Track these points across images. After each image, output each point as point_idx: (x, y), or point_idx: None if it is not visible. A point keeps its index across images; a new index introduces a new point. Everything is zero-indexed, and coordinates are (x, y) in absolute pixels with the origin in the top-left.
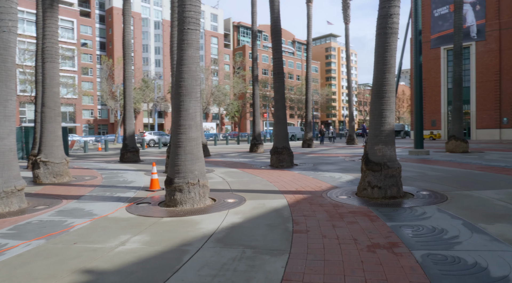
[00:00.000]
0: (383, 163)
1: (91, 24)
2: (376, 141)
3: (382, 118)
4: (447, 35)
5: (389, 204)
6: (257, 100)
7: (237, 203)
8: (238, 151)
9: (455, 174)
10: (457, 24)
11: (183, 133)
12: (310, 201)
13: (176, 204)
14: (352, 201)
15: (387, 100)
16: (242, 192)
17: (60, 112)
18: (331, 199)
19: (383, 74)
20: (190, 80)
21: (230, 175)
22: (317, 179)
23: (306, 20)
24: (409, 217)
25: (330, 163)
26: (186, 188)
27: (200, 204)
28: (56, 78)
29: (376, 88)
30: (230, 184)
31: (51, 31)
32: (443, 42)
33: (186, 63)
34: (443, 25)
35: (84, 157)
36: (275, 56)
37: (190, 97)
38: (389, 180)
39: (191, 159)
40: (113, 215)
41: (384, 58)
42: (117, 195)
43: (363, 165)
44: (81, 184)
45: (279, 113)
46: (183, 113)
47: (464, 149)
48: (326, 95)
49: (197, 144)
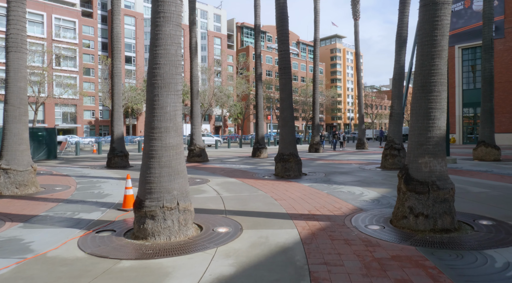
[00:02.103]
0: (432, 183)
1: (93, 25)
2: (421, 152)
3: (430, 120)
4: (462, 32)
5: (445, 244)
6: (261, 100)
7: (230, 235)
8: (239, 155)
9: (505, 191)
10: (487, 14)
11: (157, 139)
12: (330, 234)
13: (147, 236)
14: (389, 235)
15: (437, 96)
16: (238, 215)
17: (27, 110)
18: (359, 230)
19: (431, 59)
20: (167, 66)
21: (226, 188)
22: (333, 195)
23: (314, 15)
24: (487, 272)
25: (344, 172)
26: (161, 214)
27: (180, 236)
28: (22, 71)
29: (420, 80)
30: (225, 201)
31: (16, 15)
32: (458, 40)
33: (162, 43)
34: (458, 23)
35: (72, 161)
36: (281, 48)
37: (167, 90)
38: (440, 206)
39: (168, 174)
40: (55, 252)
41: (433, 38)
42: (79, 216)
43: (401, 185)
44: (46, 198)
45: (285, 114)
46: (158, 112)
47: (496, 157)
48: (332, 97)
49: (176, 154)
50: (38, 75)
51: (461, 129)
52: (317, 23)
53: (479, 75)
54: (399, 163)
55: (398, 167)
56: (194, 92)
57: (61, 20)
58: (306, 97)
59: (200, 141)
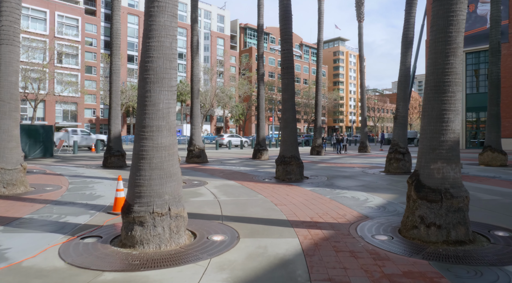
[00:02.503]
0: (445, 190)
1: (96, 23)
2: (433, 157)
3: (443, 122)
4: (466, 37)
5: (461, 258)
6: (262, 101)
7: (226, 244)
8: (240, 156)
9: None
10: (494, 17)
11: (149, 138)
12: (335, 245)
13: (135, 244)
14: (399, 247)
15: (451, 97)
16: (236, 222)
17: (19, 106)
18: (366, 241)
19: (445, 57)
20: (161, 60)
21: (225, 191)
22: (336, 201)
23: (318, 16)
24: None
25: (347, 176)
26: (150, 221)
27: (171, 245)
28: (14, 65)
29: (434, 80)
30: (223, 205)
31: (10, 6)
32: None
33: (156, 35)
34: None
35: (69, 159)
36: (284, 47)
37: (160, 86)
38: (454, 216)
39: (159, 177)
40: (32, 261)
41: (448, 34)
42: (65, 219)
43: (412, 192)
44: (34, 198)
45: (287, 115)
46: (149, 109)
47: (503, 162)
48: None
49: (169, 155)
50: (38, 72)
51: (464, 134)
52: (321, 24)
53: (483, 80)
54: (404, 167)
55: (403, 172)
56: (195, 92)
57: (64, 17)
58: (308, 99)
59: (200, 142)
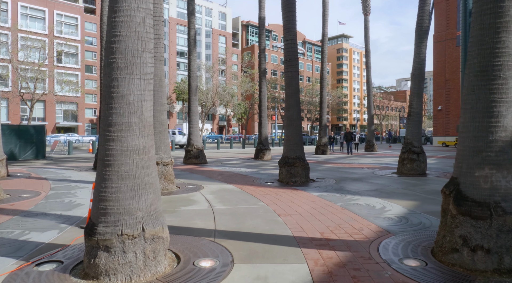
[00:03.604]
0: (495, 204)
1: (96, 21)
2: (479, 161)
3: (492, 117)
4: None
5: None
6: (265, 99)
7: (216, 273)
8: (241, 156)
9: None
10: None
11: (116, 140)
12: (354, 274)
13: (99, 275)
14: (436, 278)
15: (503, 85)
16: (231, 239)
17: None
18: (393, 268)
19: (494, 34)
20: (131, 40)
21: (221, 198)
22: (349, 210)
23: (322, 9)
24: None
25: (357, 179)
26: (119, 245)
27: (145, 275)
28: None
29: (479, 63)
30: (217, 216)
31: None
32: None
33: (123, 7)
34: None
35: (61, 161)
36: (287, 37)
37: (130, 72)
38: (508, 238)
39: (130, 189)
40: None
41: (499, 3)
42: (27, 236)
43: (450, 205)
44: (2, 208)
45: (291, 112)
46: (116, 102)
47: None
48: (338, 97)
49: (143, 161)
50: (34, 71)
51: None
52: (326, 17)
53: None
54: (419, 168)
55: (417, 173)
56: (193, 88)
57: (63, 16)
58: (312, 97)
59: (198, 141)
